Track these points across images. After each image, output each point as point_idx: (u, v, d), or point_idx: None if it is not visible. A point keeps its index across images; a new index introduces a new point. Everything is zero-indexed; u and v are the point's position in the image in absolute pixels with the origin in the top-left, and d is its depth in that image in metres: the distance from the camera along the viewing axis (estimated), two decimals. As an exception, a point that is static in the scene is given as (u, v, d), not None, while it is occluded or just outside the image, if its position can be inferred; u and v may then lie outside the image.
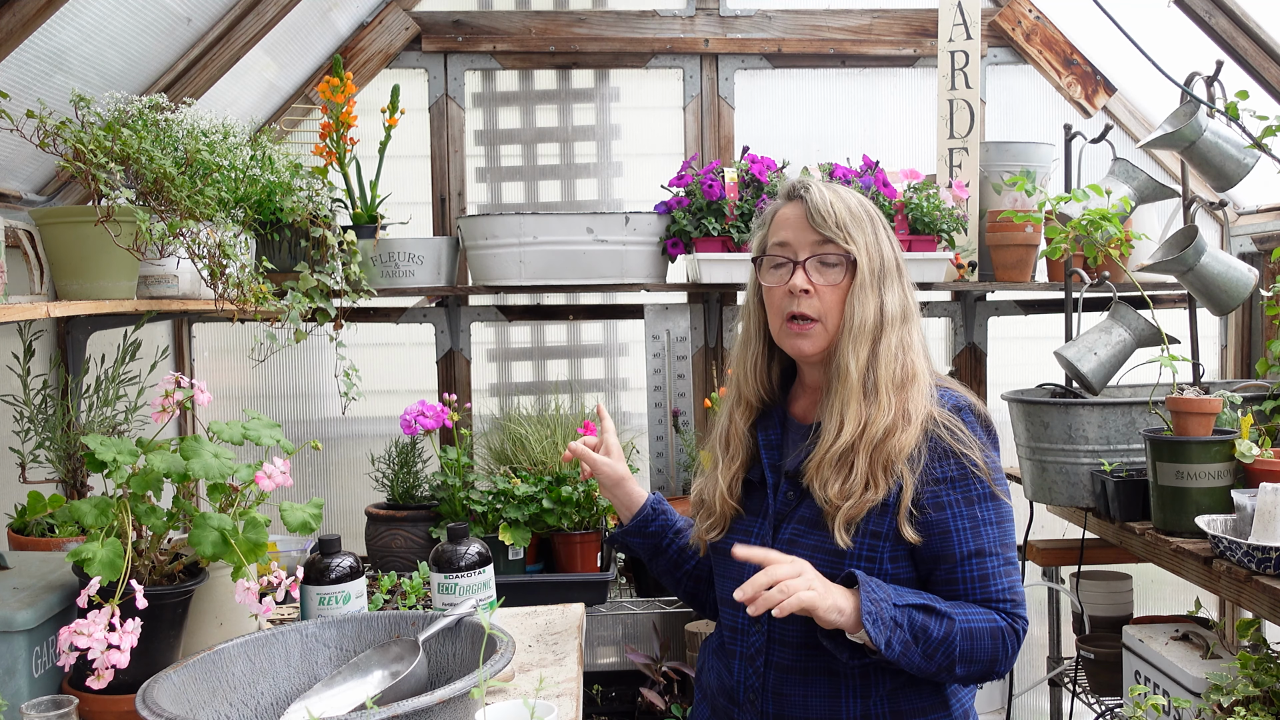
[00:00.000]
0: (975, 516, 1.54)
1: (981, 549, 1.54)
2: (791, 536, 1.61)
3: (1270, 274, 2.85)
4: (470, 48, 3.22)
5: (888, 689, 1.57)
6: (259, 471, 1.64)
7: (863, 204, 1.65)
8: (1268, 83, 2.71)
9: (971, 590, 1.54)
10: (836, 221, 1.60)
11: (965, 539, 1.54)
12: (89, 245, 1.93)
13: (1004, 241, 2.90)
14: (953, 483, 1.54)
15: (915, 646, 1.47)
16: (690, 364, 3.07)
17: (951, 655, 1.49)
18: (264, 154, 2.32)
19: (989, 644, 1.51)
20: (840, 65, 3.32)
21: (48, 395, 2.19)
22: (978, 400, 1.63)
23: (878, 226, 1.64)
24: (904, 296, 1.62)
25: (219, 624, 1.78)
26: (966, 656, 1.50)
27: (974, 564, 1.54)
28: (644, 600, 2.74)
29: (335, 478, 3.30)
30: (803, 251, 1.62)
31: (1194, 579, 2.03)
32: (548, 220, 2.81)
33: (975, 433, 1.58)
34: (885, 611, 1.46)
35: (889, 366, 1.58)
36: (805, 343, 1.62)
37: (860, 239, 1.60)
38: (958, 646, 1.49)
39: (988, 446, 1.58)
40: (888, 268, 1.62)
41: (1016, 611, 1.55)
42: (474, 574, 1.93)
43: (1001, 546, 1.55)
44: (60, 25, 1.95)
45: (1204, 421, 2.09)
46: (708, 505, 1.73)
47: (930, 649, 1.48)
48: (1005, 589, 1.55)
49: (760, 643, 1.63)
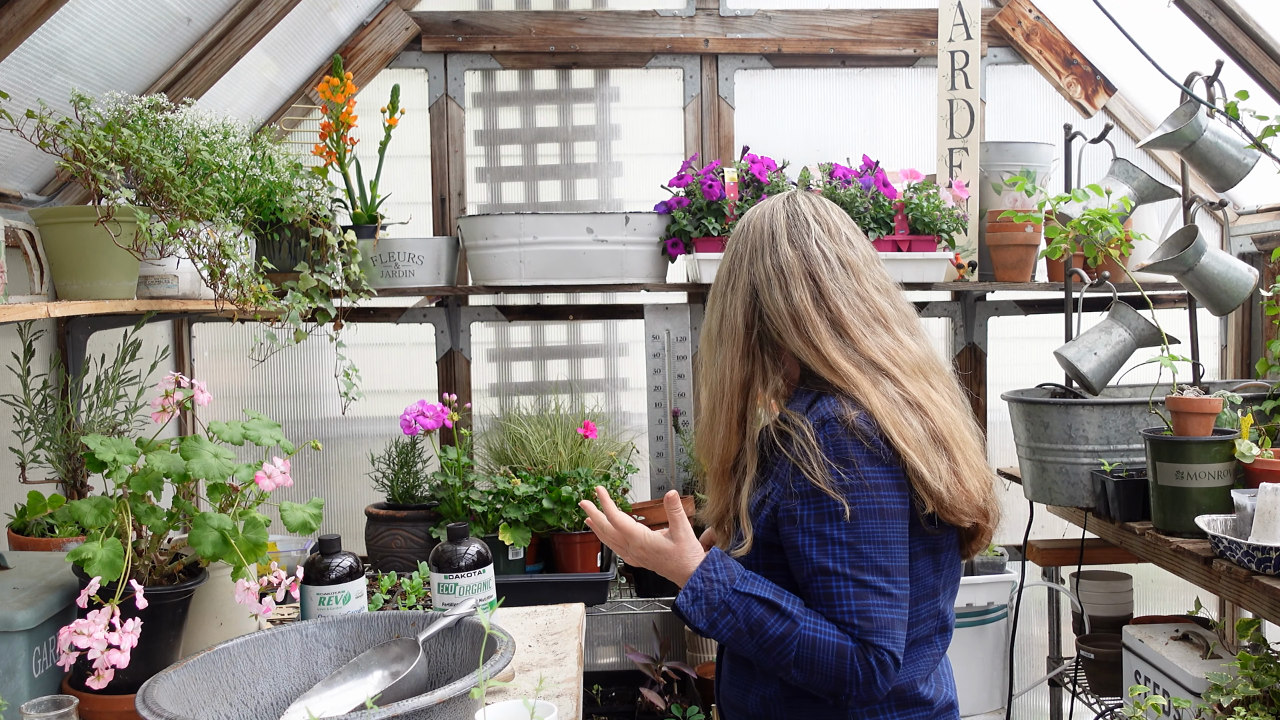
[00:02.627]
0: (823, 534, 1.45)
1: (825, 567, 1.45)
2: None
3: (1270, 274, 2.85)
4: (470, 48, 3.22)
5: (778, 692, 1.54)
6: (259, 471, 1.64)
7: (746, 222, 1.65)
8: (1268, 83, 2.71)
9: (818, 608, 1.46)
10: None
11: (809, 554, 1.46)
12: (89, 245, 1.93)
13: (1004, 241, 2.90)
14: (803, 497, 1.47)
15: (749, 637, 1.46)
16: (690, 364, 3.06)
17: (787, 656, 1.44)
18: (264, 154, 2.32)
19: (833, 661, 1.43)
20: (840, 65, 3.32)
21: (48, 395, 2.19)
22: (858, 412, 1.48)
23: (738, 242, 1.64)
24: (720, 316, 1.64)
25: (219, 624, 1.78)
26: (805, 664, 1.44)
27: (819, 581, 1.46)
28: (644, 600, 2.74)
29: (335, 478, 3.30)
30: None
31: (1194, 579, 2.03)
32: (548, 220, 2.81)
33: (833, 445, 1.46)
34: (716, 593, 1.48)
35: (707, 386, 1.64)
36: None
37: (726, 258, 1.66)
38: (794, 651, 1.44)
39: (852, 461, 1.45)
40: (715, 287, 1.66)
41: (870, 639, 1.43)
42: (474, 574, 1.93)
43: (853, 568, 1.44)
44: (60, 25, 1.95)
45: (1204, 421, 2.09)
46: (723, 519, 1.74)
47: (766, 644, 1.45)
48: (852, 611, 1.44)
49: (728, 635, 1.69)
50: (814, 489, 1.45)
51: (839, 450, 1.46)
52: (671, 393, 3.02)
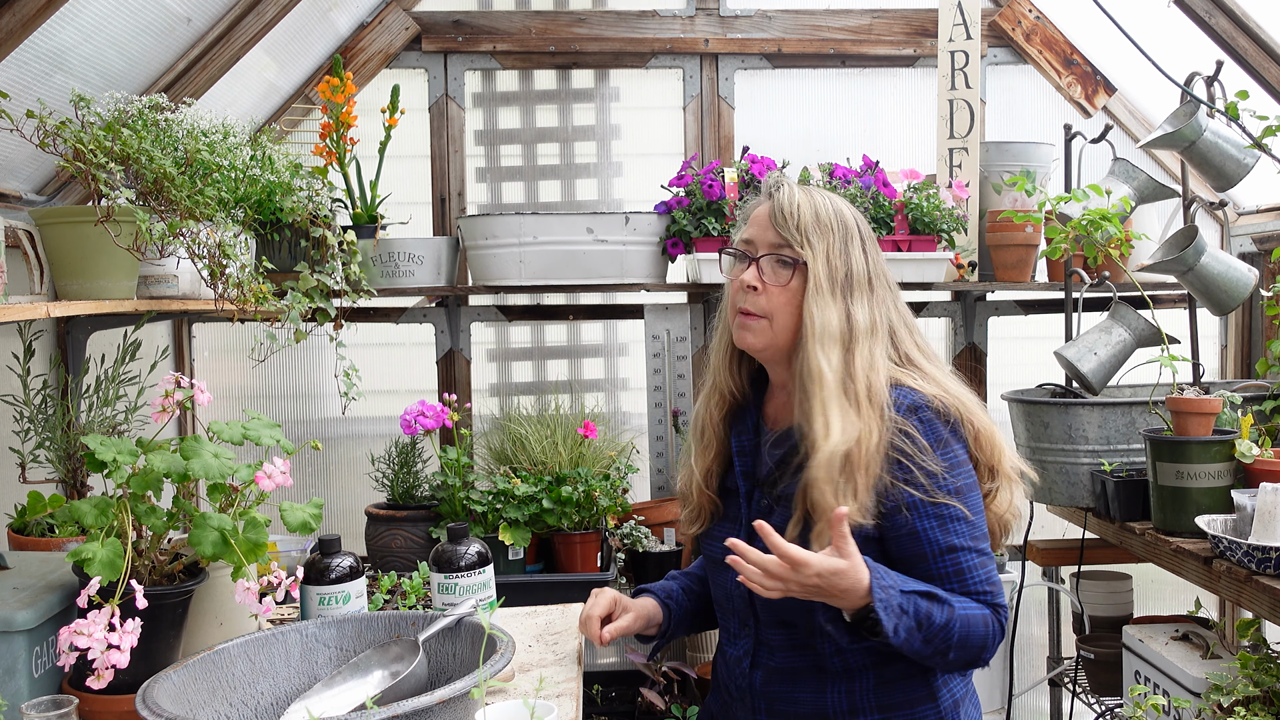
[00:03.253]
0: (941, 514, 1.55)
1: (953, 545, 1.55)
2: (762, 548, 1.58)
3: (1270, 274, 2.85)
4: (470, 48, 3.22)
5: (873, 683, 1.59)
6: (259, 471, 1.64)
7: (839, 213, 1.64)
8: (1268, 83, 2.71)
9: (950, 586, 1.56)
10: (798, 224, 1.60)
11: (935, 537, 1.55)
12: (89, 245, 1.93)
13: (1004, 241, 2.90)
14: (912, 485, 1.54)
15: (918, 633, 1.49)
16: (690, 364, 3.06)
17: (949, 641, 1.51)
18: (264, 154, 2.32)
19: (981, 631, 1.54)
20: (840, 65, 3.32)
21: (48, 395, 2.19)
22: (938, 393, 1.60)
23: (850, 236, 1.63)
24: (873, 313, 1.62)
25: (219, 624, 1.78)
26: (962, 643, 1.52)
27: (948, 560, 1.55)
28: (644, 600, 2.74)
29: (335, 478, 3.30)
30: (761, 249, 1.64)
31: (1194, 579, 2.03)
32: (548, 220, 2.81)
33: (933, 431, 1.57)
34: (894, 599, 1.48)
35: (864, 378, 1.57)
36: (749, 335, 1.64)
37: (820, 245, 1.60)
38: (955, 633, 1.52)
39: (949, 441, 1.57)
40: (855, 280, 1.61)
41: (996, 601, 1.57)
42: (474, 574, 1.93)
43: (972, 540, 1.56)
44: (60, 25, 1.95)
45: (1204, 421, 2.10)
46: (684, 494, 1.75)
47: (931, 635, 1.50)
48: (982, 580, 1.56)
49: (748, 645, 1.67)
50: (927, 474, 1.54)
51: (934, 432, 1.56)
52: (671, 393, 3.02)
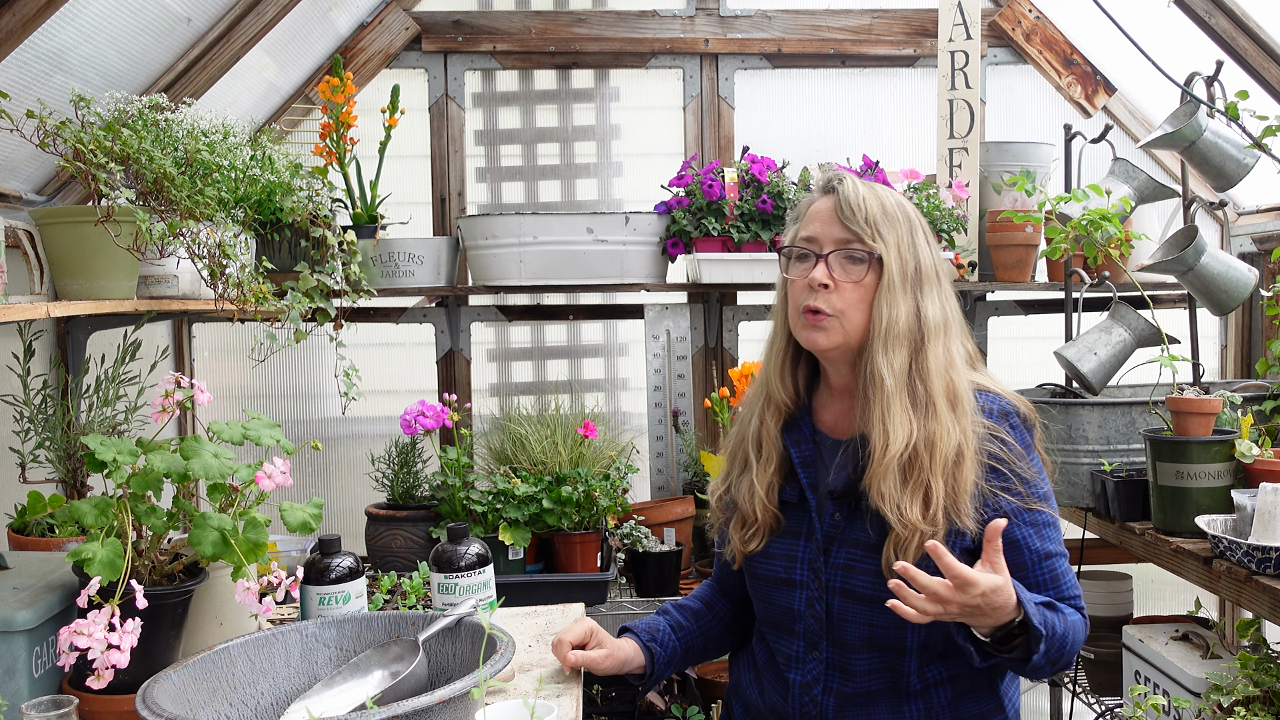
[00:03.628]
0: (1035, 521, 1.53)
1: (1049, 551, 1.53)
2: (847, 561, 1.56)
3: (1270, 274, 2.85)
4: (470, 48, 3.22)
5: (949, 697, 1.55)
6: (259, 471, 1.64)
7: (901, 205, 1.59)
8: (1268, 83, 2.71)
9: (1045, 592, 1.52)
10: (866, 217, 1.54)
11: (1033, 545, 1.52)
12: (89, 245, 1.93)
13: (1004, 241, 2.90)
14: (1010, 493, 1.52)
15: (1045, 643, 1.44)
16: (690, 364, 3.06)
17: (1063, 650, 1.48)
18: (264, 154, 2.32)
19: (1078, 638, 1.51)
20: (840, 65, 3.32)
21: (48, 395, 2.19)
22: (1018, 398, 1.59)
23: (915, 229, 1.58)
24: (943, 306, 1.57)
25: (219, 624, 1.78)
26: (1069, 650, 1.49)
27: (1045, 567, 1.52)
28: (644, 600, 2.74)
29: (335, 478, 3.30)
30: (827, 245, 1.57)
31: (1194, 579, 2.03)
32: (548, 220, 2.81)
33: (1022, 437, 1.56)
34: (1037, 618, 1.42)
35: (940, 379, 1.52)
36: (820, 335, 1.56)
37: (891, 239, 1.55)
38: (1068, 642, 1.48)
39: (1033, 446, 1.56)
40: (925, 273, 1.56)
41: (1081, 605, 1.55)
42: (474, 574, 1.93)
43: (1059, 546, 1.55)
44: (60, 25, 1.94)
45: (1204, 421, 2.09)
46: (744, 512, 1.64)
47: (1051, 645, 1.45)
48: (1071, 584, 1.55)
49: (818, 670, 1.59)
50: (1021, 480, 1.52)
51: (1024, 438, 1.55)
52: (671, 393, 3.02)
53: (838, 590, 1.56)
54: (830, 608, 1.56)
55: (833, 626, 1.56)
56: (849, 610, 1.55)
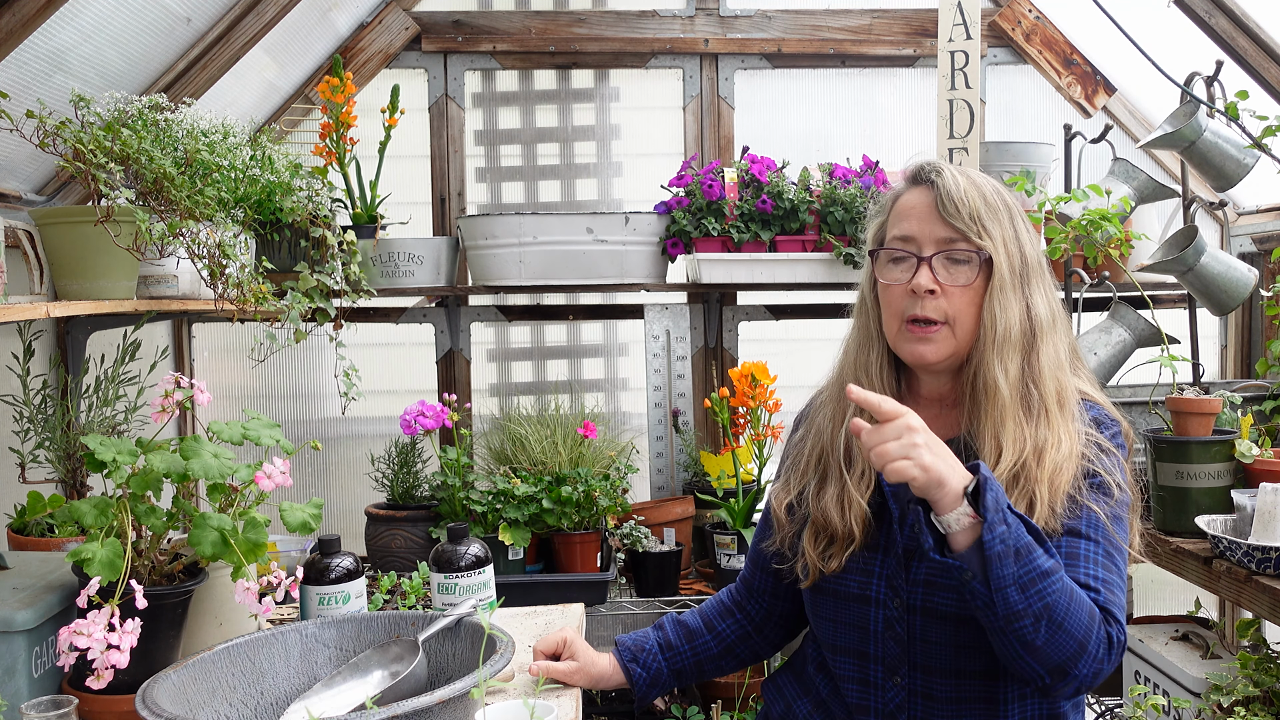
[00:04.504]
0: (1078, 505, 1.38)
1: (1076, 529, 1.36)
2: (928, 576, 1.42)
3: (1270, 274, 2.85)
4: (470, 48, 3.22)
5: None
6: (259, 471, 1.64)
7: (999, 192, 1.45)
8: (1268, 83, 2.70)
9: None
10: (970, 213, 1.40)
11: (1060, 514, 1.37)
12: (89, 245, 1.93)
13: (1004, 241, 2.90)
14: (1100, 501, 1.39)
15: (1014, 561, 1.23)
16: (690, 364, 3.06)
17: (1045, 599, 1.24)
18: (264, 154, 2.32)
19: (1085, 620, 1.28)
20: (840, 65, 3.32)
21: (48, 395, 2.19)
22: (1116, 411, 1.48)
23: (1016, 218, 1.44)
24: (1049, 301, 1.44)
25: (219, 624, 1.78)
26: (1059, 616, 1.25)
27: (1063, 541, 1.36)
28: (644, 600, 2.74)
29: (335, 478, 3.30)
30: (928, 246, 1.42)
31: (1194, 579, 2.03)
32: (547, 220, 2.81)
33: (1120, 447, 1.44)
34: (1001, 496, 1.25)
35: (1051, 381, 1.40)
36: (928, 348, 1.43)
37: (997, 233, 1.41)
38: (1054, 593, 1.25)
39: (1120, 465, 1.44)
40: (1030, 266, 1.43)
41: (1109, 609, 1.33)
42: (474, 574, 1.93)
43: (1103, 537, 1.37)
44: (60, 25, 1.94)
45: (1204, 421, 2.09)
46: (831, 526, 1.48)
47: (1027, 576, 1.23)
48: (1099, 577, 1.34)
49: (900, 698, 1.44)
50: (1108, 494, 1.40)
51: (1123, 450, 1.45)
52: (671, 393, 3.02)
53: (919, 609, 1.42)
54: (912, 628, 1.42)
55: (914, 649, 1.42)
56: (931, 630, 1.41)
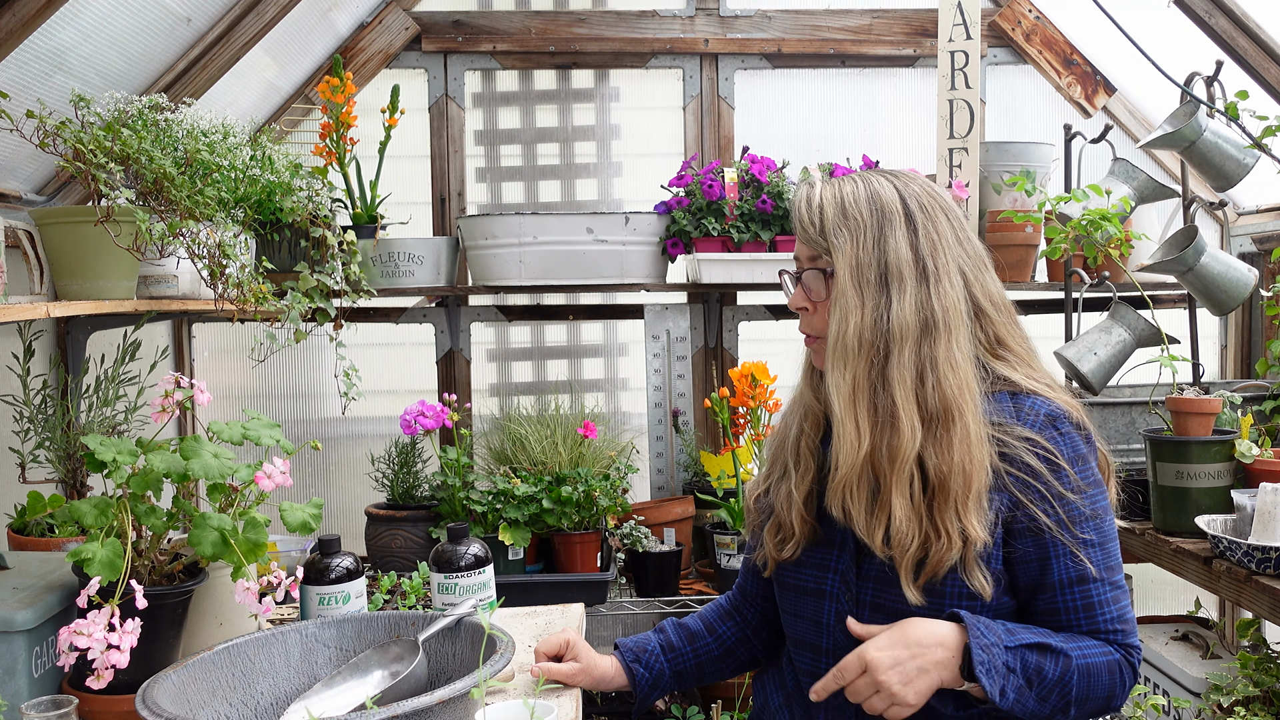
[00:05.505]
0: (1075, 539, 1.38)
1: (1084, 575, 1.38)
2: (879, 574, 1.45)
3: (1270, 274, 2.85)
4: (470, 48, 3.22)
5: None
6: (259, 471, 1.64)
7: (874, 196, 1.44)
8: (1268, 83, 2.71)
9: (1077, 621, 1.39)
10: (821, 229, 1.44)
11: (1065, 565, 1.38)
12: (89, 245, 1.93)
13: (1004, 241, 2.90)
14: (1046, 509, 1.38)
15: (1030, 691, 1.33)
16: (690, 364, 3.07)
17: (1067, 697, 1.35)
18: (264, 154, 2.32)
19: (1106, 680, 1.37)
20: (840, 65, 3.32)
21: (48, 395, 2.19)
22: (1073, 403, 1.44)
23: (889, 219, 1.42)
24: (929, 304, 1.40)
25: (219, 624, 1.78)
26: (1083, 696, 1.35)
27: (1076, 592, 1.39)
28: (644, 600, 2.74)
29: (335, 478, 3.30)
30: (801, 265, 1.49)
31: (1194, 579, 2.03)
32: (548, 220, 2.81)
33: (1072, 445, 1.41)
34: (998, 658, 1.32)
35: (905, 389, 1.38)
36: (816, 358, 1.51)
37: (845, 244, 1.42)
38: (1074, 687, 1.35)
39: (1087, 457, 1.41)
40: (895, 270, 1.40)
41: (1129, 641, 1.40)
42: (474, 574, 1.93)
43: (1106, 570, 1.40)
44: (60, 25, 1.95)
45: (1204, 421, 2.09)
46: (779, 519, 1.55)
47: (1045, 691, 1.34)
48: (1114, 617, 1.39)
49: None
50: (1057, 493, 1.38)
51: (1074, 447, 1.40)
52: (671, 393, 3.02)
53: (868, 604, 1.46)
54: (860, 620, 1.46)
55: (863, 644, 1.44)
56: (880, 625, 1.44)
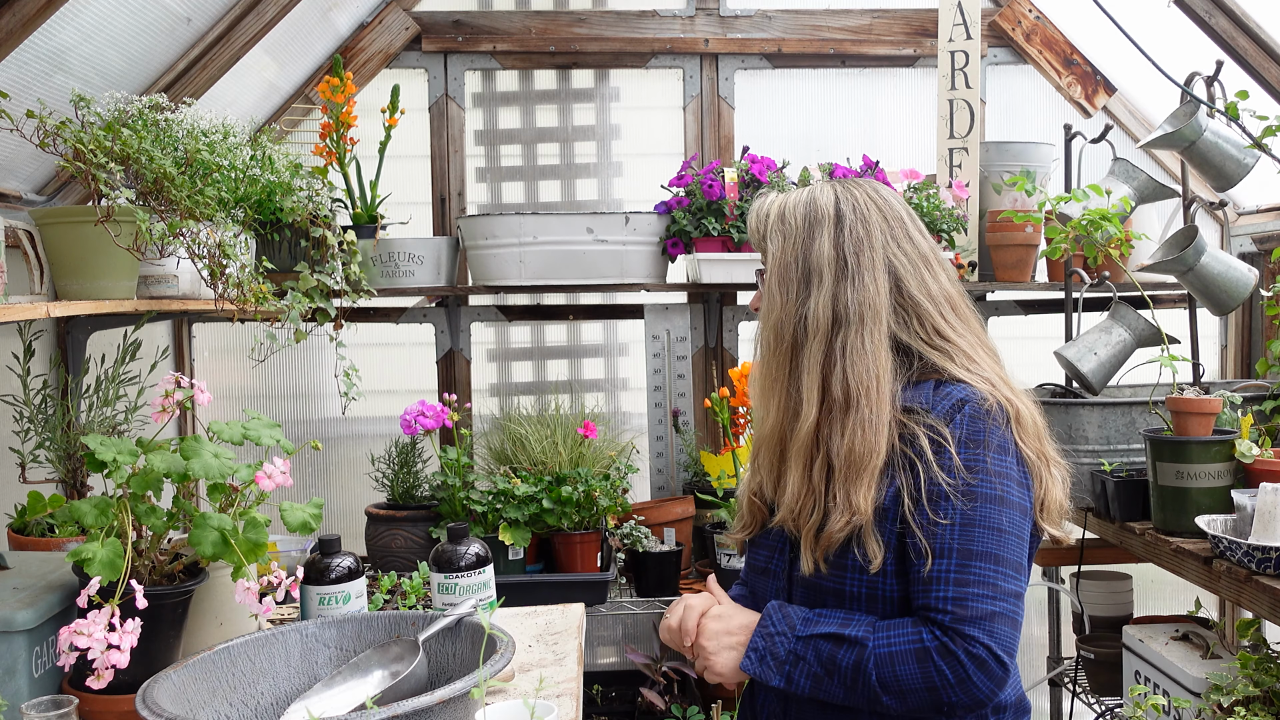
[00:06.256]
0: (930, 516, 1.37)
1: (934, 549, 1.35)
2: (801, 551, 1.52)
3: (1270, 274, 2.85)
4: (470, 48, 3.22)
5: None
6: (259, 471, 1.64)
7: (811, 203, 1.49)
8: (1268, 83, 2.71)
9: (916, 595, 1.37)
10: (764, 233, 1.52)
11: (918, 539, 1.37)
12: (89, 245, 1.93)
13: (1004, 241, 2.90)
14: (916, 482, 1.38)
15: (829, 680, 1.36)
16: (690, 364, 3.06)
17: (869, 684, 1.34)
18: (264, 154, 2.32)
19: (914, 668, 1.33)
20: (840, 65, 3.32)
21: (48, 395, 2.19)
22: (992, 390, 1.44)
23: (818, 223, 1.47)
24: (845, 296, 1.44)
25: (219, 624, 1.78)
26: (889, 685, 1.33)
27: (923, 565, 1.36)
28: (644, 600, 2.74)
29: (335, 478, 3.30)
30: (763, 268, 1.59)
31: (1194, 579, 2.03)
32: (548, 220, 2.81)
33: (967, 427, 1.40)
34: (780, 646, 1.38)
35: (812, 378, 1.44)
36: None
37: (774, 248, 1.49)
38: (873, 674, 1.34)
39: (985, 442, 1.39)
40: (815, 268, 1.46)
41: (959, 627, 1.31)
42: (474, 574, 1.93)
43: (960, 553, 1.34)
44: (60, 25, 1.95)
45: (1204, 421, 2.09)
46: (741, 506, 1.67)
47: (846, 680, 1.36)
48: (948, 597, 1.33)
49: None
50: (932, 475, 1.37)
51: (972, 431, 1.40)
52: (671, 393, 3.02)
53: (797, 580, 1.50)
54: (791, 598, 1.52)
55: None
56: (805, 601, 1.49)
